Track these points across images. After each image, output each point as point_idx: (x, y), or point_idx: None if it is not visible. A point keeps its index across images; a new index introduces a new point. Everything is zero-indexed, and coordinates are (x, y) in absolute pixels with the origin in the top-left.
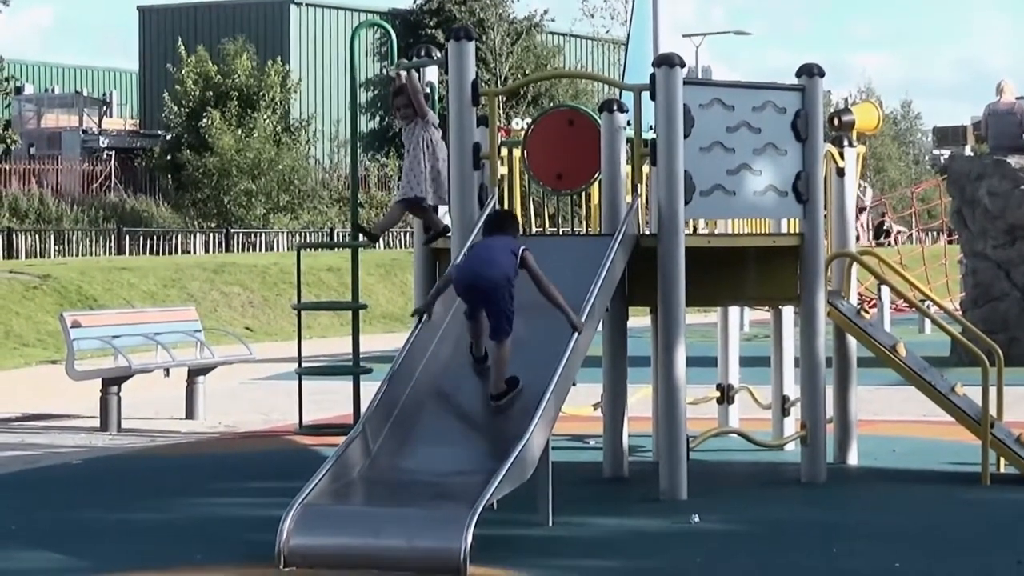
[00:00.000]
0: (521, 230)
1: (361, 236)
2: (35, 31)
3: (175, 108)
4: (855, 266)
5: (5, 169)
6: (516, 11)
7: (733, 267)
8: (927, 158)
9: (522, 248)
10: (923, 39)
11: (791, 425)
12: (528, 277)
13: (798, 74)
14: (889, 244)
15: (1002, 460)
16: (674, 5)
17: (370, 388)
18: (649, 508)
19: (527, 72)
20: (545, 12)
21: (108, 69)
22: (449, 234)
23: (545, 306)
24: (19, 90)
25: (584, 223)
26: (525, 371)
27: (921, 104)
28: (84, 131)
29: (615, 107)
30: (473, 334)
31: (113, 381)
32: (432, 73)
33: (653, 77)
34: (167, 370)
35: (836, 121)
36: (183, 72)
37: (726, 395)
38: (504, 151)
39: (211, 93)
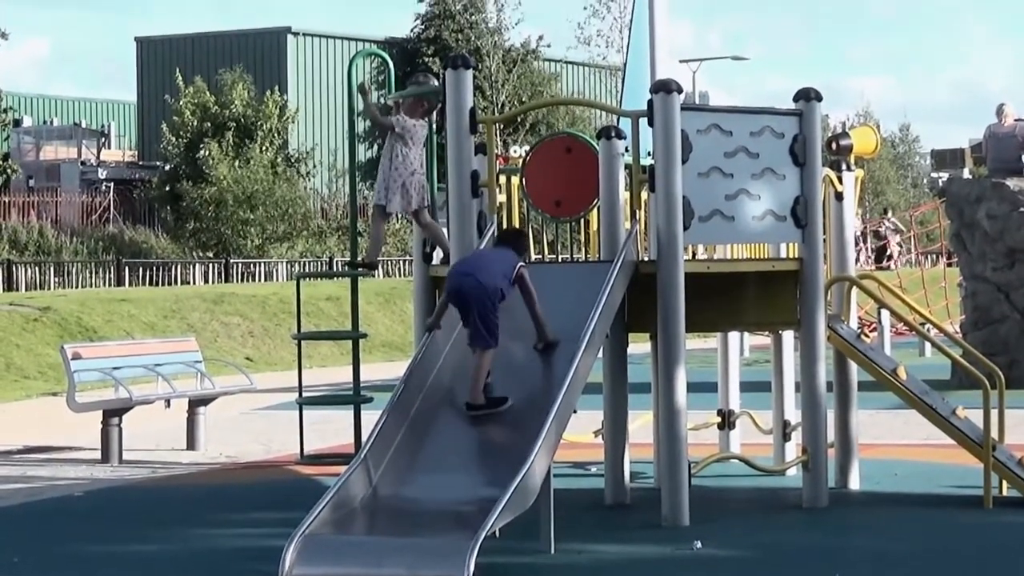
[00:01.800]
0: (530, 252)
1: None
2: (32, 63)
3: (173, 139)
4: (855, 290)
5: (4, 201)
6: (512, 38)
7: (733, 292)
8: (925, 181)
9: (519, 264)
10: (921, 62)
11: (792, 450)
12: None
13: (795, 99)
14: (890, 268)
15: (1004, 483)
16: (671, 31)
17: (371, 417)
18: (651, 534)
19: (524, 100)
20: (540, 38)
21: (106, 101)
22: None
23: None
24: (18, 122)
25: (583, 250)
26: (525, 398)
27: (919, 127)
28: (83, 163)
29: (613, 133)
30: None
31: (114, 413)
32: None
33: (651, 103)
34: (168, 401)
35: (834, 145)
36: (181, 103)
37: (727, 420)
38: (503, 179)
39: (209, 124)
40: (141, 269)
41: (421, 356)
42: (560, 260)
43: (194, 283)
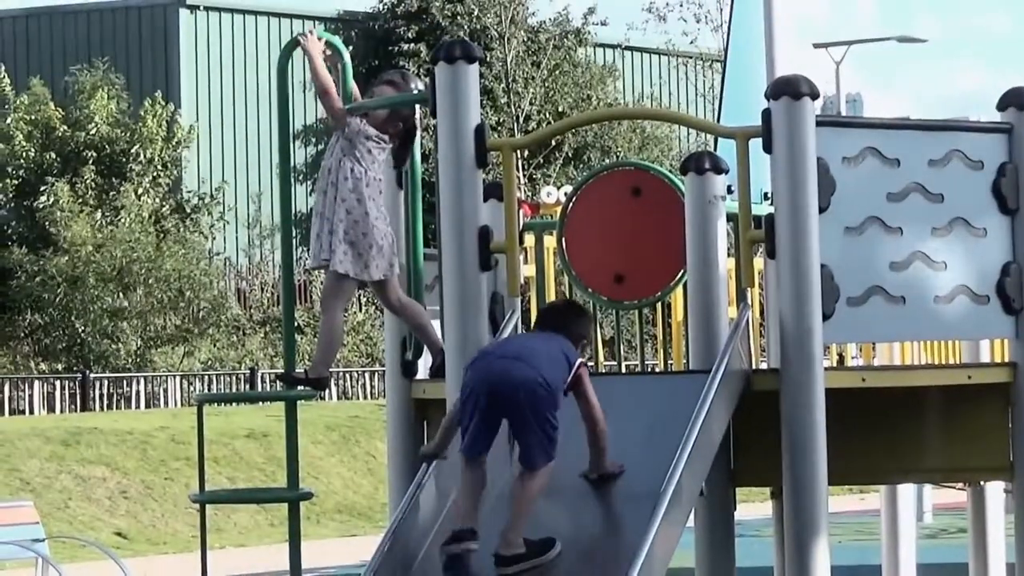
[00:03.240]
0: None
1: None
2: None
3: None
4: None
5: None
6: (540, 11)
7: (904, 421)
8: None
9: (579, 361)
10: None
11: None
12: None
13: (1002, 105)
14: None
15: None
16: (801, 1)
17: None
18: None
19: (562, 112)
20: (591, 11)
21: None
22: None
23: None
24: None
25: (661, 353)
26: None
27: None
28: None
29: (707, 165)
30: (463, 491)
31: None
32: None
33: (767, 115)
34: None
35: None
36: (9, 121)
37: None
38: (529, 239)
39: (54, 154)
40: None
41: (409, 511)
42: (623, 369)
43: (32, 412)
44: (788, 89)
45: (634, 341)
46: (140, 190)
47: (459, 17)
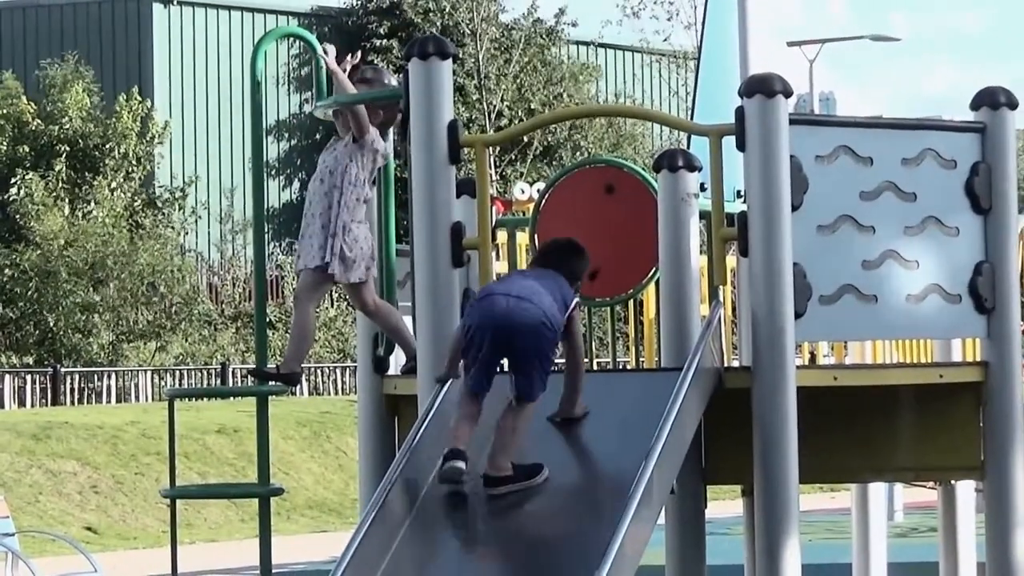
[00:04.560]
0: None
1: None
2: None
3: None
4: None
5: None
6: (512, 7)
7: (875, 419)
8: None
9: (575, 301)
10: None
11: None
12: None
13: (975, 104)
14: None
15: None
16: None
17: None
18: None
19: (535, 108)
20: (562, 12)
21: None
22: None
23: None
24: None
25: (633, 350)
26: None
27: None
28: None
29: (680, 163)
30: (461, 417)
31: None
32: None
33: (741, 113)
34: None
35: None
36: None
37: None
38: (502, 235)
39: (26, 148)
40: None
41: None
42: (595, 366)
43: (2, 407)
44: (761, 87)
45: (606, 338)
46: (113, 184)
47: (431, 14)
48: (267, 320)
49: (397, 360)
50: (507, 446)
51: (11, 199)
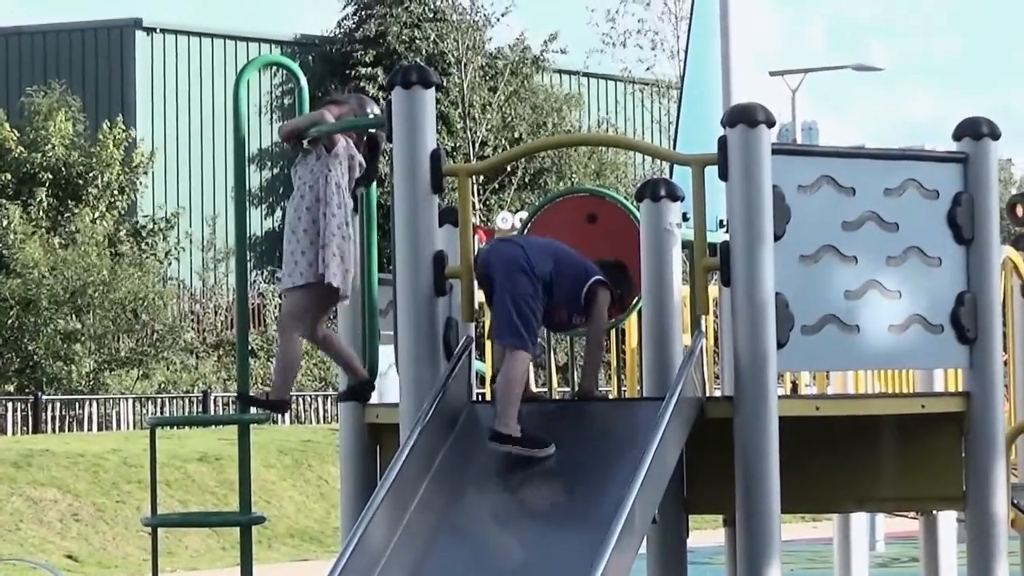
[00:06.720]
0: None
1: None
2: None
3: None
4: None
5: None
6: (497, 37)
7: (857, 449)
8: None
9: (600, 279)
10: None
11: None
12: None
13: (957, 134)
14: None
15: None
16: (756, 29)
17: None
18: None
19: (520, 137)
20: (552, 38)
21: None
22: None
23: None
24: None
25: (615, 380)
26: None
27: None
28: None
29: (663, 192)
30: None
31: None
32: None
33: (723, 142)
34: None
35: (1020, 210)
36: None
37: None
38: None
39: (8, 176)
40: None
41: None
42: (577, 395)
43: None
44: (744, 117)
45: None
46: (96, 214)
47: (416, 42)
48: (249, 348)
49: (381, 387)
50: (504, 400)
51: None
